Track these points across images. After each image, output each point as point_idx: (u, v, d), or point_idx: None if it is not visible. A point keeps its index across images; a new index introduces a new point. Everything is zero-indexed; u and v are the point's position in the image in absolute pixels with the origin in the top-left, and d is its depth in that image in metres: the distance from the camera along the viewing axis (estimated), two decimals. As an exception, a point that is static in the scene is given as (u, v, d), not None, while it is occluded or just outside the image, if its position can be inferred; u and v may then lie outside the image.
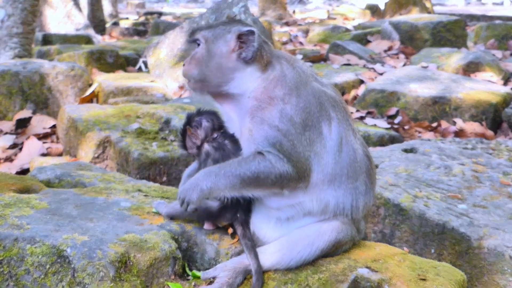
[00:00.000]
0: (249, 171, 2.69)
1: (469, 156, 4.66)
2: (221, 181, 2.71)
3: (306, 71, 2.95)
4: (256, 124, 2.76)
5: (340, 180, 2.83)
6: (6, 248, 2.62)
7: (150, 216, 3.10)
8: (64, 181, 3.75)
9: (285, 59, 2.94)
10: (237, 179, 2.70)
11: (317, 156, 2.78)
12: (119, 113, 5.74)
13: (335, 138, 2.83)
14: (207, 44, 2.87)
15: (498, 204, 3.81)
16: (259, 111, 2.76)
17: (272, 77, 2.82)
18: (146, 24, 20.22)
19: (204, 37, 2.88)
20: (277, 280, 2.72)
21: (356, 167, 2.88)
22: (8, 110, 7.05)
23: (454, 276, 2.81)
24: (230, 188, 2.72)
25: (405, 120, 6.92)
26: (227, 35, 2.84)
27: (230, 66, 2.83)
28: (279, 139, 2.71)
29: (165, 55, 8.62)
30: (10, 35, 8.86)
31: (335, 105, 2.91)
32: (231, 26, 2.87)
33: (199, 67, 2.88)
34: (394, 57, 10.67)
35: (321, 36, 14.43)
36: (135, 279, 2.63)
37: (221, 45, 2.84)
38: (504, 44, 12.25)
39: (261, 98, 2.78)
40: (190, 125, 3.04)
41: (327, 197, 2.83)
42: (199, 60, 2.88)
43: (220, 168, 2.74)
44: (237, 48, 2.82)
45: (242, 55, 2.81)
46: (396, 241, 3.80)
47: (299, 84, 2.83)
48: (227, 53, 2.83)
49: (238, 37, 2.81)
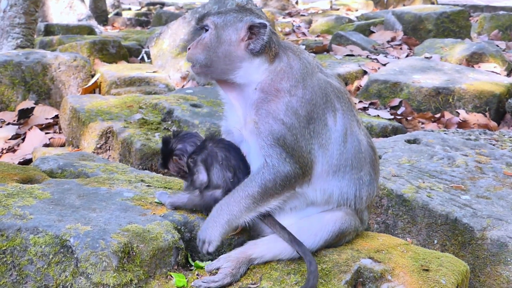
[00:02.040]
0: (256, 186, 2.70)
1: (472, 147, 4.65)
2: (235, 208, 2.71)
3: (311, 62, 2.95)
4: (261, 117, 2.75)
5: (345, 170, 2.83)
6: (9, 238, 2.63)
7: (153, 206, 3.10)
8: (67, 171, 3.75)
9: (291, 50, 2.93)
10: (249, 199, 2.70)
11: (322, 148, 2.79)
12: (121, 104, 5.73)
13: (340, 129, 2.83)
14: (217, 30, 2.85)
15: (501, 195, 3.80)
16: (265, 104, 2.76)
17: (279, 69, 2.82)
18: (149, 15, 20.17)
19: (213, 23, 2.86)
20: (279, 270, 2.72)
21: (361, 158, 2.88)
22: (10, 101, 7.05)
23: (457, 267, 2.82)
24: (246, 211, 2.72)
25: (408, 111, 6.90)
26: (238, 23, 2.82)
27: (238, 55, 2.82)
28: (283, 134, 2.71)
29: (168, 46, 8.60)
30: (12, 25, 8.83)
31: (340, 96, 2.91)
32: (243, 15, 2.85)
33: (206, 52, 2.86)
34: (397, 47, 10.63)
35: (324, 26, 14.37)
36: (138, 269, 2.63)
37: (231, 32, 2.82)
38: (508, 34, 12.20)
39: (268, 90, 2.77)
40: (173, 153, 3.03)
41: (331, 188, 2.83)
42: (207, 45, 2.86)
43: (229, 198, 2.74)
44: (246, 38, 2.81)
45: (250, 46, 2.80)
46: (399, 232, 3.80)
47: (306, 75, 2.83)
48: (236, 41, 2.82)
49: (250, 28, 2.80)
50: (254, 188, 2.70)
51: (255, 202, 2.71)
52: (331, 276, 2.65)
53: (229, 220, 2.72)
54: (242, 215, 2.72)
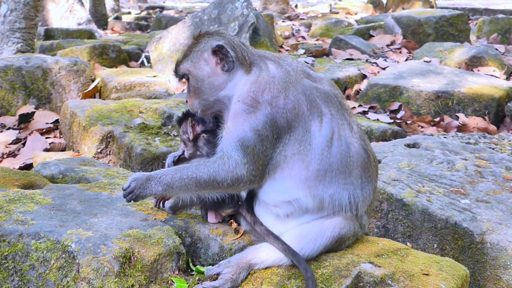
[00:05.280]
0: (206, 174, 2.74)
1: (472, 151, 4.66)
2: (175, 183, 2.77)
3: (296, 68, 2.97)
4: (238, 123, 2.79)
5: (331, 175, 2.83)
6: (11, 243, 2.64)
7: (154, 211, 3.11)
8: (68, 176, 3.76)
9: (269, 59, 2.99)
10: (193, 182, 2.75)
11: (299, 154, 2.81)
12: (121, 108, 5.75)
13: (325, 134, 2.83)
14: (193, 73, 2.96)
15: (501, 199, 3.81)
16: (245, 114, 2.80)
17: (260, 79, 2.86)
18: (148, 19, 20.22)
19: (187, 69, 2.99)
20: (280, 275, 2.73)
21: (349, 162, 2.87)
22: (11, 105, 7.07)
23: (457, 271, 2.82)
24: (185, 190, 2.79)
25: (407, 114, 6.91)
26: (204, 54, 2.94)
27: (220, 80, 2.93)
28: (254, 143, 2.75)
29: (168, 50, 8.61)
30: (12, 30, 8.86)
31: (328, 100, 2.91)
32: (202, 45, 2.96)
33: (197, 96, 3.00)
34: (396, 51, 10.65)
35: (323, 30, 14.41)
36: (139, 275, 2.64)
37: (203, 67, 2.94)
38: (507, 38, 12.22)
39: (249, 102, 2.82)
40: (193, 117, 3.07)
41: (320, 193, 2.83)
42: (194, 91, 3.00)
43: (177, 171, 2.79)
44: (219, 61, 2.92)
45: (225, 68, 2.91)
46: (399, 236, 3.81)
47: (288, 83, 2.86)
48: (212, 71, 2.94)
49: (214, 52, 2.92)
50: (204, 175, 2.74)
51: (197, 187, 2.76)
52: (331, 281, 2.65)
53: (164, 191, 2.79)
54: (180, 191, 2.82)
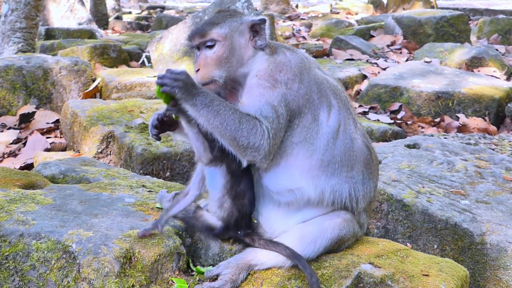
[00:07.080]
0: (237, 129, 2.66)
1: (472, 152, 4.67)
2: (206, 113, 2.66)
3: (308, 57, 3.03)
4: (253, 97, 2.78)
5: (334, 167, 2.84)
6: (12, 243, 2.64)
7: (155, 211, 3.12)
8: (69, 176, 3.77)
9: (285, 47, 3.02)
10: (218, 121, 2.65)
11: (305, 141, 2.81)
12: (122, 108, 5.75)
13: (332, 125, 2.85)
14: (227, 41, 2.88)
15: (501, 200, 3.81)
16: (262, 88, 2.80)
17: (278, 61, 2.88)
18: (149, 18, 20.23)
19: (221, 35, 2.89)
20: (280, 276, 2.73)
21: (352, 156, 2.89)
22: (11, 105, 7.07)
23: (457, 272, 2.83)
24: (207, 120, 2.67)
25: (408, 115, 6.92)
26: (240, 26, 2.91)
27: (249, 55, 2.92)
28: (272, 117, 2.73)
29: (169, 50, 8.62)
30: (13, 29, 8.86)
31: (337, 93, 2.96)
32: (238, 18, 2.94)
33: (221, 66, 2.89)
34: (397, 52, 10.66)
35: (324, 30, 14.42)
36: (139, 275, 2.65)
37: (239, 38, 2.91)
38: (507, 39, 12.23)
39: (267, 78, 2.82)
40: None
41: (322, 184, 2.83)
42: (220, 59, 2.88)
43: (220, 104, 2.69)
44: (251, 37, 2.92)
45: (258, 43, 2.91)
46: (399, 237, 3.81)
47: (303, 69, 2.88)
48: (245, 44, 2.92)
49: (251, 27, 2.91)
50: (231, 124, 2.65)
51: (218, 129, 2.66)
52: (331, 282, 2.66)
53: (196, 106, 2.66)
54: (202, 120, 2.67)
